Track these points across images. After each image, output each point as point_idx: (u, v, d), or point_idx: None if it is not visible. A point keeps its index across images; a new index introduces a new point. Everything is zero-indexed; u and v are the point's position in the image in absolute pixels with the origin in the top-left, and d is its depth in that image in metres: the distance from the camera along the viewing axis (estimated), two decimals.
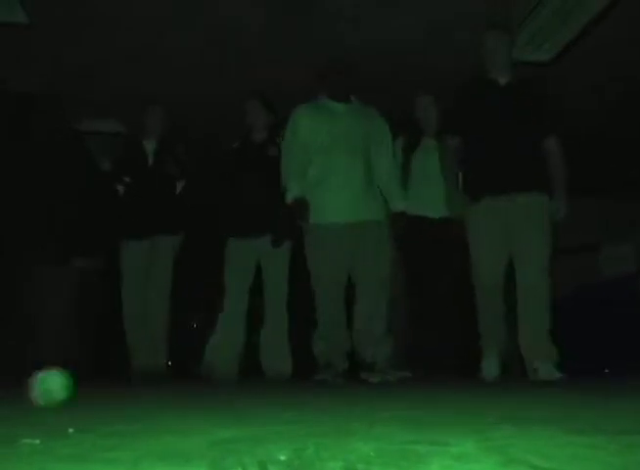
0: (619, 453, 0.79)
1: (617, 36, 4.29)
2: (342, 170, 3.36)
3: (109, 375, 4.04)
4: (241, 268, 3.83)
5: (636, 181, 6.46)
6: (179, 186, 4.12)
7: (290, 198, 3.36)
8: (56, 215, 3.90)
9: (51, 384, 1.58)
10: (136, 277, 4.02)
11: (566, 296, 4.64)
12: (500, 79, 3.32)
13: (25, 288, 3.95)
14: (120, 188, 4.08)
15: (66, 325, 3.92)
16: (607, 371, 4.69)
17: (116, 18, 4.10)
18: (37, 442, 0.93)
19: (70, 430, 1.03)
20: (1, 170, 4.00)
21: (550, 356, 3.00)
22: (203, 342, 3.83)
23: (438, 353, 3.74)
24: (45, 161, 3.95)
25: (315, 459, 0.78)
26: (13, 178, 3.96)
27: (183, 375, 3.70)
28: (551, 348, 3.02)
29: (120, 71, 4.68)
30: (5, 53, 4.33)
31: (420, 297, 3.87)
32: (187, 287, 4.08)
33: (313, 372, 3.38)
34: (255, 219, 3.78)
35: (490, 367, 3.14)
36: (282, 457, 0.80)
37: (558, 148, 3.24)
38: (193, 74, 4.76)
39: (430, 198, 3.82)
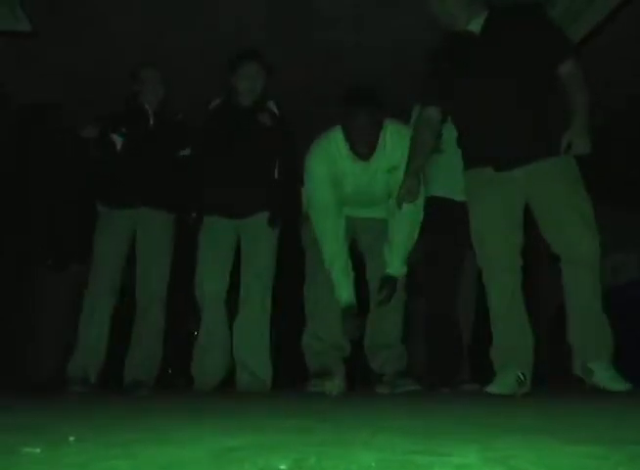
0: (623, 464, 0.78)
1: (629, 34, 4.24)
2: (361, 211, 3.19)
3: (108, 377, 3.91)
4: (221, 250, 3.33)
5: (636, 181, 6.44)
6: (182, 153, 3.56)
7: (342, 303, 3.00)
8: (56, 219, 3.89)
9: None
10: (113, 258, 3.41)
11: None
12: (472, 26, 2.67)
13: (26, 288, 3.95)
14: (118, 141, 3.49)
15: (65, 326, 3.91)
16: None
17: (116, 17, 4.10)
18: (38, 450, 0.92)
19: (71, 438, 1.03)
20: (2, 175, 4.00)
21: (607, 355, 2.49)
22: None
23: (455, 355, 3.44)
24: (45, 165, 3.94)
25: (317, 469, 0.78)
26: (14, 182, 3.96)
27: (184, 383, 3.47)
28: (608, 345, 2.49)
29: (120, 72, 4.67)
30: (4, 56, 4.32)
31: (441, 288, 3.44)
32: (186, 284, 3.65)
33: (305, 378, 3.13)
34: (243, 197, 3.31)
35: (504, 385, 2.52)
36: (283, 467, 0.79)
37: (576, 71, 2.56)
38: (193, 74, 4.75)
39: (455, 179, 3.28)
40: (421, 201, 3.01)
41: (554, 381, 3.38)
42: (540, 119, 2.58)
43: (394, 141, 3.00)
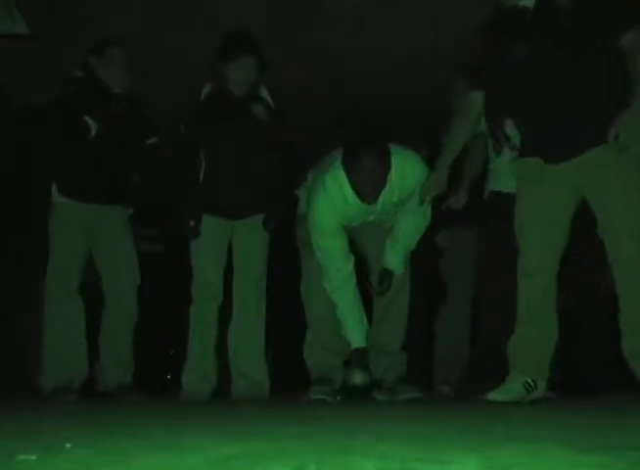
0: None
1: None
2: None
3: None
4: (214, 249, 3.14)
5: None
6: (150, 142, 3.32)
7: (353, 345, 2.85)
8: None
9: None
10: (78, 257, 3.16)
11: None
12: (525, 1, 2.37)
13: (25, 289, 3.94)
14: (93, 125, 3.14)
15: None
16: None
17: (116, 17, 4.09)
18: (33, 457, 0.91)
19: (68, 445, 1.02)
20: (2, 175, 4.00)
21: None
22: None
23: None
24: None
25: None
26: (14, 182, 3.95)
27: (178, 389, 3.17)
28: None
29: None
30: (4, 56, 4.31)
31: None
32: (174, 288, 3.55)
33: (305, 387, 3.01)
34: (240, 197, 3.11)
35: (508, 392, 2.35)
36: None
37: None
38: (193, 74, 4.74)
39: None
40: (429, 208, 2.90)
41: (565, 386, 3.22)
42: (599, 103, 2.30)
43: (403, 176, 2.77)
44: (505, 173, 3.05)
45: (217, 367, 3.17)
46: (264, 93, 3.23)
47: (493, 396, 2.33)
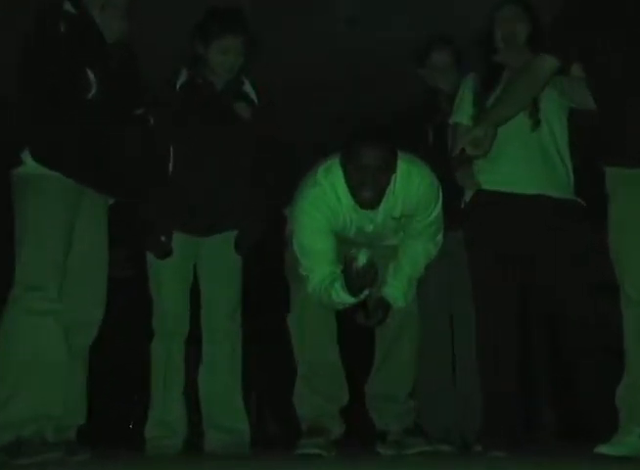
0: None
1: None
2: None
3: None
4: (178, 272, 2.65)
5: None
6: (138, 112, 2.62)
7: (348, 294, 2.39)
8: None
9: None
10: (64, 246, 2.28)
11: None
12: None
13: None
14: (93, 81, 2.29)
15: None
16: None
17: None
18: None
19: None
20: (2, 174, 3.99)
21: None
22: None
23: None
24: None
25: None
26: None
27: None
28: None
29: None
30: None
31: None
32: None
33: (295, 439, 2.55)
34: (209, 211, 2.61)
35: (623, 446, 1.94)
36: None
37: None
38: None
39: (522, 166, 2.55)
40: (440, 234, 2.58)
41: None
42: None
43: (408, 186, 2.45)
44: (485, 169, 2.62)
45: (188, 411, 2.71)
46: (248, 89, 2.78)
47: (604, 449, 1.94)
